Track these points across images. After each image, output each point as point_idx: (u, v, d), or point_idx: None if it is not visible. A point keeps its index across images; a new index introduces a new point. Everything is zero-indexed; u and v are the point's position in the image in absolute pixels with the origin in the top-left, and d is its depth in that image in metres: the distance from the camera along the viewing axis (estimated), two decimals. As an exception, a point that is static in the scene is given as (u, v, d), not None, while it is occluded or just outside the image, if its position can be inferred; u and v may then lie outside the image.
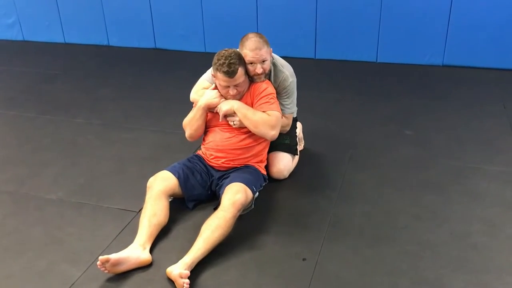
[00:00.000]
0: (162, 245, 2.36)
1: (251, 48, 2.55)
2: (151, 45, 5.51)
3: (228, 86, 2.53)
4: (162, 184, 2.51)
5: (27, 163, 3.18)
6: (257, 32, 2.67)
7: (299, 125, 3.16)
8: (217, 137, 2.68)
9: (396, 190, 2.76)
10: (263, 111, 2.60)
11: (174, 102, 3.98)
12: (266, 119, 2.58)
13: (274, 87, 2.74)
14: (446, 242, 2.34)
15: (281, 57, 2.87)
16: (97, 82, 4.60)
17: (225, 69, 2.45)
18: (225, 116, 2.62)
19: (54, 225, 2.54)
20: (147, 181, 2.55)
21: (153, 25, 5.40)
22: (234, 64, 2.45)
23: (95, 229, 2.50)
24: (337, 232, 2.42)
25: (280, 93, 2.77)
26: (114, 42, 5.65)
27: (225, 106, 2.58)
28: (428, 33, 4.63)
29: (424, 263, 2.22)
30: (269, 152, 2.85)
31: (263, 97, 2.61)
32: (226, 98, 2.63)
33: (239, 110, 2.57)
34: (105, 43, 5.67)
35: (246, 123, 2.58)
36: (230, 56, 2.45)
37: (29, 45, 5.80)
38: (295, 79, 2.82)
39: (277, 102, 2.70)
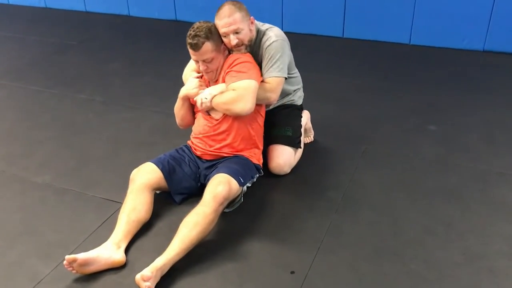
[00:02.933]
0: (140, 243, 2.17)
1: (220, 16, 2.28)
2: (172, 17, 5.27)
3: (197, 61, 2.31)
4: (145, 176, 2.31)
5: (21, 140, 3.05)
6: (235, 0, 2.33)
7: (306, 114, 2.86)
8: (200, 123, 2.47)
9: (409, 196, 2.45)
10: (228, 82, 2.31)
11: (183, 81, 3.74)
12: (231, 97, 2.28)
13: (260, 53, 2.43)
14: (457, 262, 2.04)
15: (305, 34, 2.52)
16: (110, 55, 4.42)
17: (189, 40, 2.24)
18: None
19: (33, 213, 2.39)
20: (137, 168, 2.36)
21: (174, -5, 5.16)
22: (198, 37, 2.21)
23: (74, 220, 2.33)
24: (334, 242, 2.16)
25: (264, 56, 2.41)
26: (135, 12, 5.45)
27: (198, 102, 2.35)
28: (469, 13, 4.17)
29: (428, 286, 1.93)
30: (268, 144, 2.59)
31: (233, 66, 2.32)
32: (201, 78, 2.41)
33: (212, 103, 2.33)
34: (126, 13, 5.48)
35: (220, 110, 2.34)
36: (199, 28, 2.24)
37: (50, 12, 5.68)
38: (282, 40, 2.43)
39: (254, 69, 2.34)
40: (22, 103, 3.56)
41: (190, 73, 2.49)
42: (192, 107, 2.52)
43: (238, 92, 2.27)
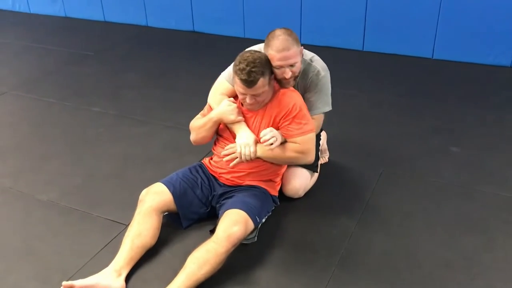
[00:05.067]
0: (142, 271, 2.07)
1: (278, 49, 2.12)
2: (189, 28, 5.22)
3: (246, 94, 2.14)
4: (154, 199, 2.21)
5: (30, 155, 3.00)
6: (286, 28, 2.20)
7: (323, 135, 2.74)
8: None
9: (428, 225, 2.30)
10: (292, 136, 2.21)
11: (198, 93, 3.60)
12: (298, 150, 2.21)
13: (303, 85, 2.34)
14: (479, 302, 1.90)
15: (324, 47, 2.43)
16: (125, 66, 4.38)
17: (244, 77, 2.06)
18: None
19: (35, 233, 2.32)
20: (144, 188, 2.27)
21: (192, 6, 5.10)
22: (255, 73, 2.05)
23: (77, 242, 2.26)
24: (346, 275, 2.03)
25: (310, 91, 2.34)
26: (153, 22, 5.41)
27: (244, 149, 2.21)
28: (495, 27, 3.99)
29: (447, 328, 1.80)
30: (284, 164, 2.48)
31: (293, 118, 2.19)
32: (243, 105, 2.25)
33: (263, 156, 2.24)
34: (144, 23, 5.45)
35: (277, 160, 2.27)
36: (254, 63, 2.05)
37: (69, 22, 5.69)
38: (328, 74, 2.37)
39: (309, 116, 2.26)
40: (34, 115, 3.53)
41: (221, 97, 2.32)
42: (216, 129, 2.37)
43: (304, 146, 2.21)
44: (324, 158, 2.81)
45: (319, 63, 2.36)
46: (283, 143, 2.24)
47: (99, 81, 4.07)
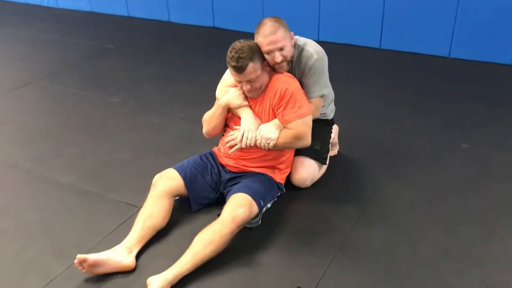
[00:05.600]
0: (152, 249, 2.19)
1: (265, 34, 2.22)
2: (210, 24, 5.33)
3: (241, 81, 2.27)
4: (166, 183, 2.33)
5: (52, 141, 3.16)
6: (275, 16, 2.31)
7: (335, 128, 2.81)
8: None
9: (430, 217, 2.36)
10: (287, 121, 2.29)
11: (214, 88, 3.73)
12: (293, 136, 2.28)
13: (299, 70, 2.41)
14: (474, 290, 1.95)
15: (342, 44, 2.48)
16: (145, 59, 4.52)
17: (233, 63, 2.19)
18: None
19: (54, 212, 2.47)
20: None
21: (213, 2, 5.21)
22: (243, 59, 2.16)
23: (92, 222, 2.39)
24: (346, 260, 2.10)
25: (305, 75, 2.41)
26: (175, 18, 5.55)
27: (247, 133, 2.30)
28: (514, 27, 4.00)
29: (441, 314, 1.85)
30: (294, 155, 2.55)
31: (286, 103, 2.27)
32: (243, 93, 2.36)
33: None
34: (166, 18, 5.59)
35: (278, 148, 2.34)
36: (241, 50, 2.17)
37: (94, 17, 5.88)
38: (323, 56, 2.42)
39: (304, 99, 2.33)
40: (58, 104, 3.69)
41: (226, 89, 2.43)
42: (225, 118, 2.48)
43: (299, 130, 2.28)
44: (333, 151, 2.87)
45: (312, 47, 2.41)
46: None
47: (119, 74, 4.22)
